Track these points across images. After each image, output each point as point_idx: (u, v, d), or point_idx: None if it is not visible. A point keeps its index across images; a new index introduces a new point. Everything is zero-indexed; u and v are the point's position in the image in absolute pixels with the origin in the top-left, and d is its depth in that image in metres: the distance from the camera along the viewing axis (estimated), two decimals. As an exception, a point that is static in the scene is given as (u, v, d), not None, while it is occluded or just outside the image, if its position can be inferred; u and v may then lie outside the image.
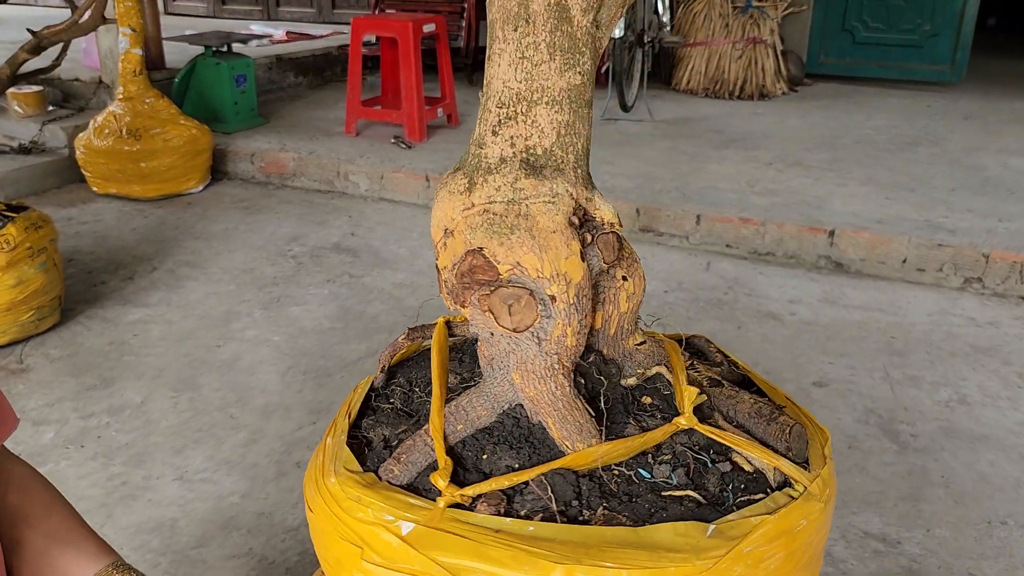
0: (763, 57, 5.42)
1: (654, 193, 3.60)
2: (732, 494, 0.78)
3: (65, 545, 0.91)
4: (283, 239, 3.51)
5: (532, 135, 0.80)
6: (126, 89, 3.89)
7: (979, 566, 1.75)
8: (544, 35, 0.76)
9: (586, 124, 0.79)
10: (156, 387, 2.38)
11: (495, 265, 0.78)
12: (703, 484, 0.79)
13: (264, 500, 1.93)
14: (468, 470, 0.83)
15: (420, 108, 4.28)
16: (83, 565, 0.90)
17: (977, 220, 3.30)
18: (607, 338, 0.87)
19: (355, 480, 0.82)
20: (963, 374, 2.49)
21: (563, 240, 0.78)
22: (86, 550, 0.92)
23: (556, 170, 0.81)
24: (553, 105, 0.78)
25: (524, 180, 0.80)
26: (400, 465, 0.83)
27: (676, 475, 0.80)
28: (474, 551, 0.71)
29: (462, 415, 0.88)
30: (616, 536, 0.72)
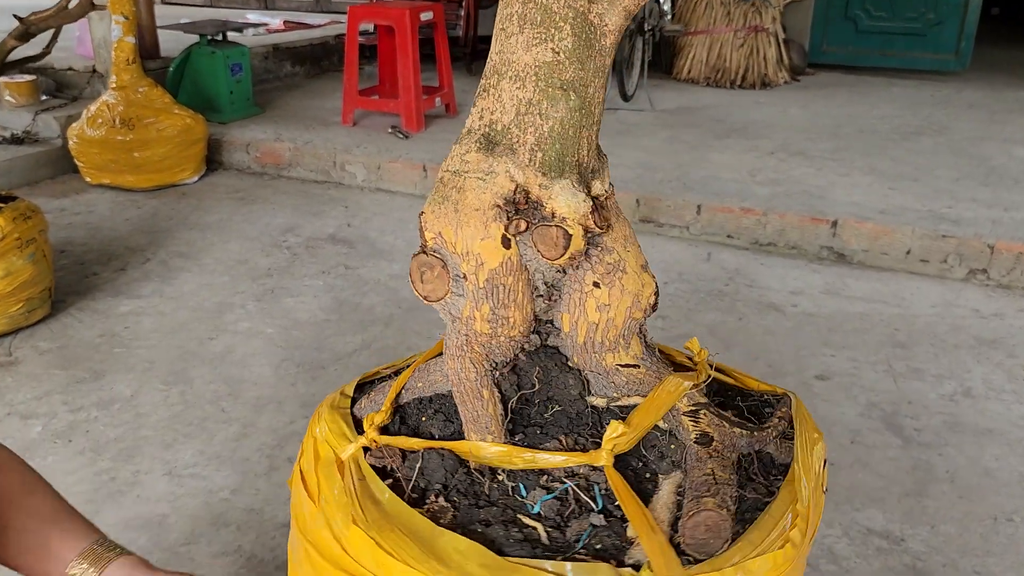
0: (765, 46, 5.36)
1: (654, 183, 3.55)
2: (583, 548, 0.71)
3: (49, 524, 0.90)
4: (278, 230, 3.46)
5: (496, 109, 0.76)
6: (119, 78, 3.83)
7: (985, 563, 1.71)
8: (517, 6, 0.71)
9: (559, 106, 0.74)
10: (147, 380, 2.34)
11: (424, 231, 0.76)
12: (565, 525, 0.73)
13: (255, 496, 1.89)
14: (406, 424, 0.84)
15: (417, 97, 4.23)
16: (68, 543, 0.89)
17: (982, 210, 3.25)
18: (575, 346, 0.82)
19: (337, 403, 0.89)
20: (967, 367, 2.45)
21: (482, 220, 0.74)
22: (70, 528, 0.91)
23: (508, 149, 0.76)
24: (516, 80, 0.74)
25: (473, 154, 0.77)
26: (366, 400, 0.88)
27: (545, 506, 0.75)
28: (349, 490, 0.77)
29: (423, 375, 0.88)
30: (422, 531, 0.70)
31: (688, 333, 2.62)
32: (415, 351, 2.45)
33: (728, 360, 2.45)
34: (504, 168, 0.74)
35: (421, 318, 2.70)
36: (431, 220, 0.76)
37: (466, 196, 0.75)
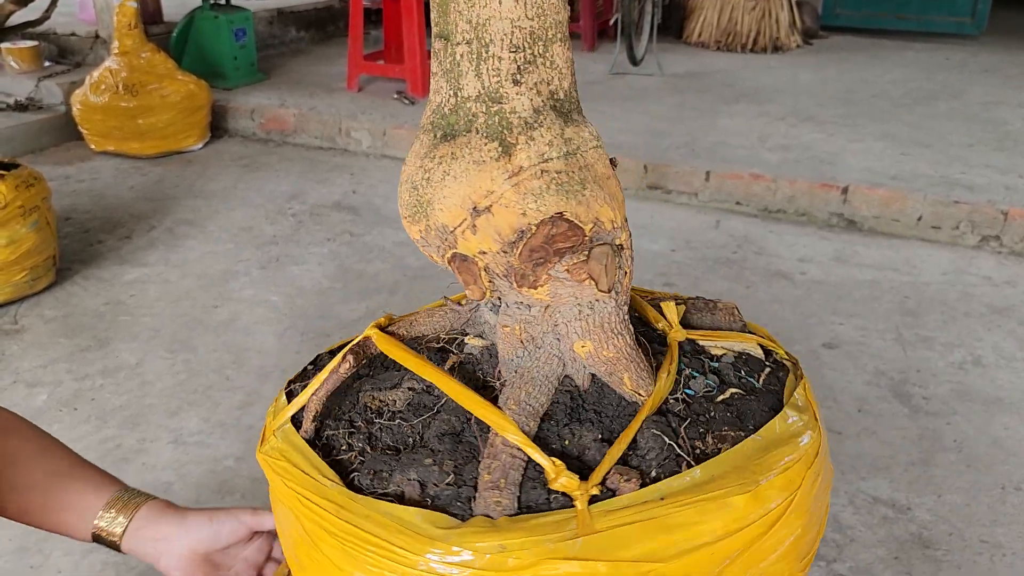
0: (777, 8, 5.26)
1: (662, 149, 3.51)
2: (751, 378, 0.89)
3: (69, 479, 0.90)
4: (283, 197, 3.44)
5: (554, 78, 0.72)
6: (121, 44, 3.79)
7: (992, 532, 1.70)
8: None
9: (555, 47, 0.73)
10: (152, 348, 2.34)
11: (580, 227, 0.70)
12: (727, 379, 0.87)
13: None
14: None
15: (423, 62, 4.17)
16: (90, 496, 0.89)
17: (996, 176, 3.20)
18: None
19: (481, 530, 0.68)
20: (978, 335, 2.42)
21: (617, 184, 0.72)
22: (92, 481, 0.91)
23: (578, 111, 0.74)
24: (564, 42, 0.70)
25: (569, 129, 0.72)
26: (502, 491, 0.71)
27: (710, 380, 0.86)
28: (654, 528, 0.66)
29: (525, 410, 0.79)
30: (744, 451, 0.74)
31: (695, 301, 2.59)
32: (420, 319, 2.44)
33: (735, 328, 2.43)
34: (594, 130, 0.73)
35: (427, 286, 2.68)
36: (583, 211, 0.70)
37: (597, 170, 0.73)
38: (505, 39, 0.69)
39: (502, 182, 0.70)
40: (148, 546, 0.89)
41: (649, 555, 0.65)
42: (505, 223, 0.71)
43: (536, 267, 0.72)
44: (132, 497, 0.90)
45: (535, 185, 0.69)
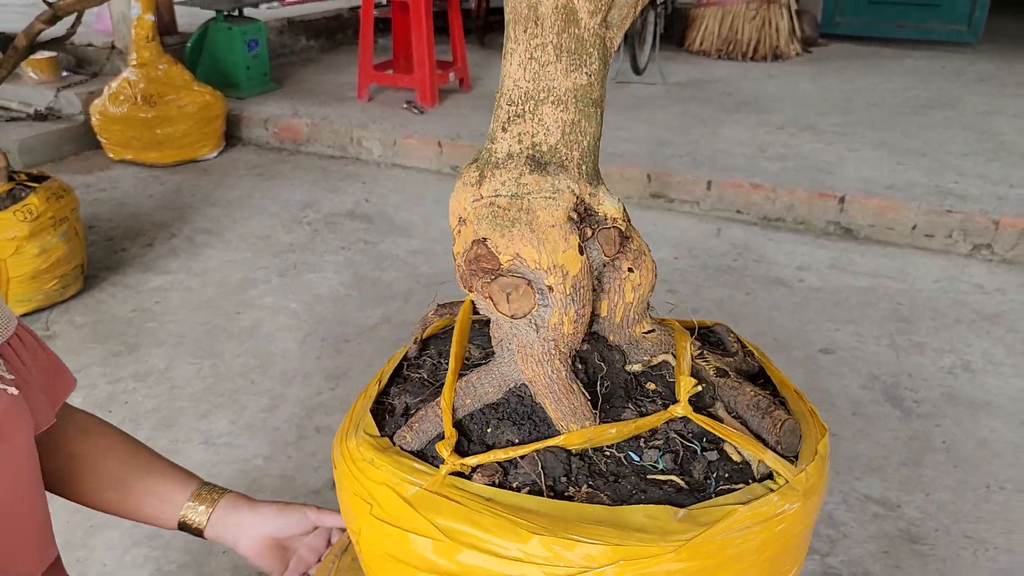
0: (777, 17, 5.37)
1: (665, 158, 3.62)
2: (715, 482, 0.81)
3: (157, 476, 1.02)
4: (298, 206, 3.55)
5: (538, 132, 0.83)
6: (139, 55, 3.91)
7: (976, 529, 1.81)
8: (551, 37, 0.79)
9: (593, 122, 0.82)
10: (179, 353, 2.46)
11: (496, 255, 0.82)
12: (689, 471, 0.83)
13: (286, 463, 2.01)
14: (473, 442, 0.87)
15: (432, 73, 4.29)
16: (178, 489, 1.01)
17: (988, 186, 3.30)
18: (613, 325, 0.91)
19: (371, 443, 0.87)
20: (968, 341, 2.53)
21: (561, 234, 0.82)
22: (177, 477, 1.02)
23: (560, 167, 0.84)
24: (558, 104, 0.81)
25: (528, 176, 0.83)
26: (412, 433, 0.88)
27: (664, 460, 0.83)
28: (466, 516, 0.78)
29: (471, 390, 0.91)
30: (593, 513, 0.77)
31: (697, 308, 2.71)
32: (434, 325, 2.55)
33: (736, 334, 2.54)
34: (566, 185, 0.82)
35: (440, 293, 2.79)
36: (504, 244, 0.82)
37: (538, 216, 0.82)
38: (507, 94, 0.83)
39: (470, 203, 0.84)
40: (228, 532, 1.01)
41: (445, 530, 0.78)
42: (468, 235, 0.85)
43: (471, 276, 0.86)
44: (212, 491, 1.02)
45: (483, 212, 0.83)
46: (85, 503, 1.00)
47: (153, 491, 1.01)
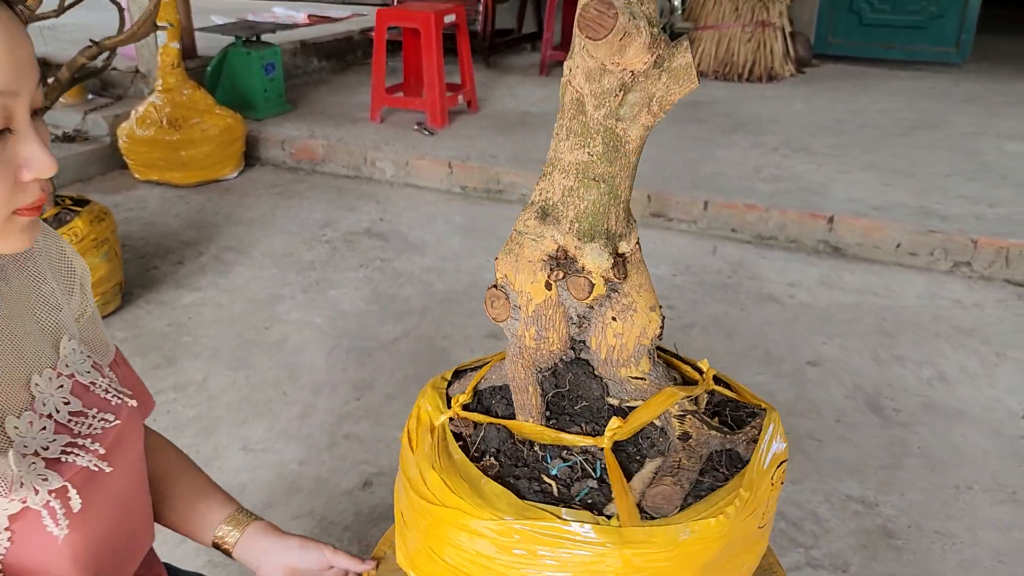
0: (772, 40, 5.59)
1: (664, 179, 3.82)
2: (579, 501, 0.98)
3: (200, 495, 1.17)
4: (317, 224, 3.75)
5: (550, 191, 1.03)
6: (165, 81, 4.12)
7: (946, 525, 2.01)
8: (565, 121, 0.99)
9: (593, 191, 1.01)
10: (215, 366, 2.65)
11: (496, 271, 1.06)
12: (569, 487, 0.99)
13: (320, 466, 2.20)
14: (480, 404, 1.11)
15: (442, 96, 4.50)
16: (216, 512, 1.16)
17: (968, 206, 3.51)
18: (599, 360, 1.10)
19: (437, 386, 1.15)
20: (945, 353, 2.73)
21: (533, 269, 1.03)
22: (216, 499, 1.17)
23: (555, 220, 1.04)
24: (563, 173, 1.01)
25: (531, 221, 1.04)
26: (458, 385, 1.14)
27: (561, 471, 1.00)
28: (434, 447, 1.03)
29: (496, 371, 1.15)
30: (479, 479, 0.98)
31: (694, 323, 2.90)
32: (449, 339, 2.76)
33: (729, 348, 2.75)
34: (551, 234, 1.02)
35: (454, 310, 2.99)
36: (501, 265, 1.04)
37: (524, 250, 1.03)
38: (547, 157, 1.04)
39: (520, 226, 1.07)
40: (252, 556, 1.15)
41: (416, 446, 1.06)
42: None
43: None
44: (245, 516, 1.17)
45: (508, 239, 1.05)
46: None
47: (196, 510, 1.16)
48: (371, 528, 1.99)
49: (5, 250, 0.84)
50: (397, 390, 2.53)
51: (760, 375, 2.60)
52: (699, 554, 0.92)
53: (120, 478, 0.97)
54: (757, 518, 0.97)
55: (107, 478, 0.93)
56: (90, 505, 0.90)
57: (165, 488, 1.17)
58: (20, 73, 0.77)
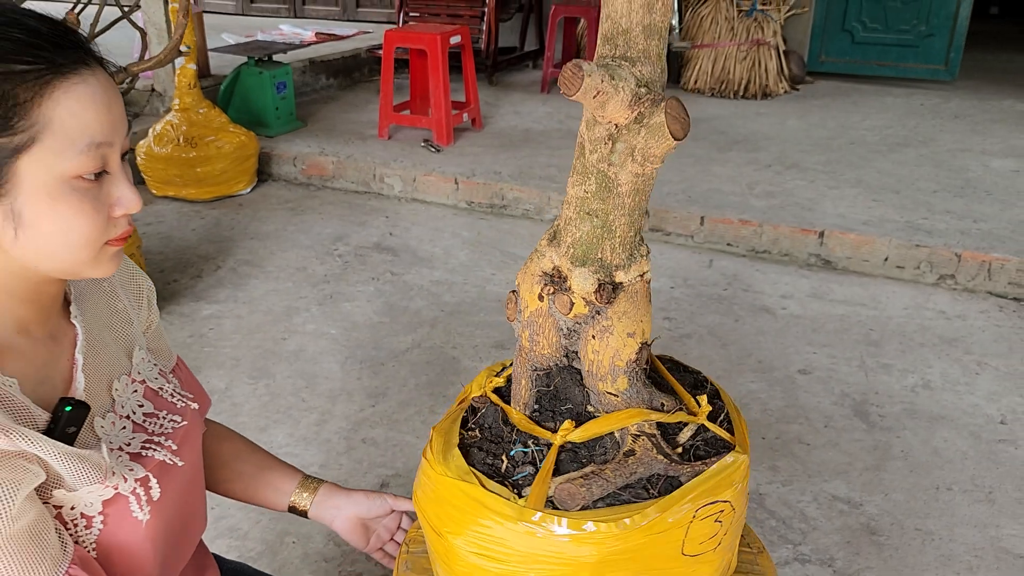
0: (766, 58, 5.76)
1: (662, 196, 3.98)
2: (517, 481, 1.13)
3: (269, 469, 1.34)
4: (328, 239, 3.91)
5: (560, 218, 1.19)
6: (182, 101, 4.28)
7: (925, 523, 2.15)
8: (572, 160, 1.15)
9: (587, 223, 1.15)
10: (236, 375, 2.80)
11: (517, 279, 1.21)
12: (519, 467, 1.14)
13: (339, 470, 2.34)
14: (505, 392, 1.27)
15: (448, 115, 4.66)
16: (287, 481, 1.33)
17: (953, 221, 3.66)
18: (584, 371, 1.25)
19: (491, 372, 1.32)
20: (929, 362, 2.88)
21: (532, 281, 1.18)
22: (285, 471, 1.35)
23: (558, 243, 1.20)
24: (567, 204, 1.17)
25: (544, 240, 1.20)
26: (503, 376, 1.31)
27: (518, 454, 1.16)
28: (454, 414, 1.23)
29: None
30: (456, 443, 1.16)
31: (691, 333, 3.05)
32: (459, 349, 2.91)
33: (724, 356, 2.90)
34: (551, 254, 1.17)
35: (462, 321, 3.14)
36: (519, 274, 1.20)
37: (531, 264, 1.19)
38: None
39: None
40: (327, 513, 1.34)
41: None
42: None
43: None
44: (314, 481, 1.35)
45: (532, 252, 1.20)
46: (215, 491, 1.34)
47: (270, 483, 1.34)
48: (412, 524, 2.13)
49: (96, 275, 0.98)
50: (409, 397, 2.67)
51: (753, 383, 2.75)
52: (582, 549, 1.03)
53: (187, 471, 1.12)
54: (674, 544, 1.04)
55: (178, 471, 1.08)
56: (165, 494, 1.04)
57: (237, 466, 1.34)
58: (115, 127, 0.92)
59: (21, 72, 0.83)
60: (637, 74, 1.02)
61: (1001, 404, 2.63)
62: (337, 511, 1.34)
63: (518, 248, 3.81)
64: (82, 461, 0.93)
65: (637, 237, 1.14)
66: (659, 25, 1.01)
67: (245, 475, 1.34)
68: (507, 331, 3.06)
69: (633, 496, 1.07)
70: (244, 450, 1.37)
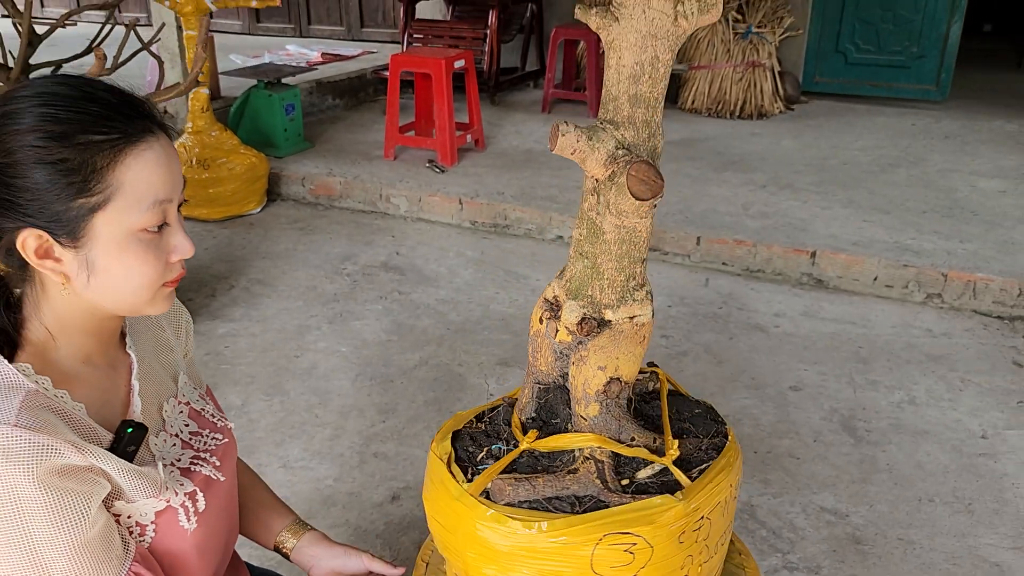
0: (762, 79, 5.91)
1: (660, 216, 4.11)
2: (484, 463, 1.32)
3: (268, 508, 1.44)
4: (337, 258, 4.04)
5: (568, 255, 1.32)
6: (195, 124, 4.42)
7: (907, 534, 2.27)
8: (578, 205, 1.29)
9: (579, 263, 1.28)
10: (252, 391, 2.93)
11: None
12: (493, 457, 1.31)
13: (352, 483, 2.47)
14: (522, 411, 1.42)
15: (452, 136, 4.80)
16: (277, 521, 1.42)
17: (941, 242, 3.80)
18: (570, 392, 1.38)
19: None
20: (915, 379, 3.01)
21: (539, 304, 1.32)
22: (278, 510, 1.44)
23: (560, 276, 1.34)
24: (571, 244, 1.31)
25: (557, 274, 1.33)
26: None
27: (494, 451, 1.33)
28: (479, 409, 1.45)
29: None
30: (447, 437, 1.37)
31: (687, 351, 3.18)
32: (465, 366, 3.04)
33: (719, 373, 3.03)
34: (555, 284, 1.31)
35: (468, 339, 3.27)
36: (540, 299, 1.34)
37: (545, 289, 1.33)
38: None
39: None
40: (305, 559, 1.40)
41: None
42: None
43: None
44: (300, 526, 1.42)
45: None
46: None
47: (260, 519, 1.42)
48: (400, 536, 2.26)
49: (153, 312, 1.11)
50: (418, 413, 2.80)
51: (746, 399, 2.88)
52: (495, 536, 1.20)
53: (226, 485, 1.25)
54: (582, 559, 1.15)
55: (219, 485, 1.21)
56: (209, 506, 1.17)
57: (240, 499, 1.45)
58: (175, 185, 1.05)
59: (98, 142, 0.96)
60: (619, 137, 1.15)
61: (983, 419, 2.76)
62: (316, 560, 1.40)
63: (521, 268, 3.95)
64: (141, 477, 1.06)
65: (632, 282, 1.25)
66: (645, 95, 1.14)
67: (244, 507, 1.42)
68: (511, 349, 3.19)
69: (555, 507, 1.21)
70: (248, 482, 1.47)
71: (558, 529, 1.14)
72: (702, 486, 1.20)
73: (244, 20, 8.46)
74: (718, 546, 1.26)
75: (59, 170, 0.95)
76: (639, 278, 1.25)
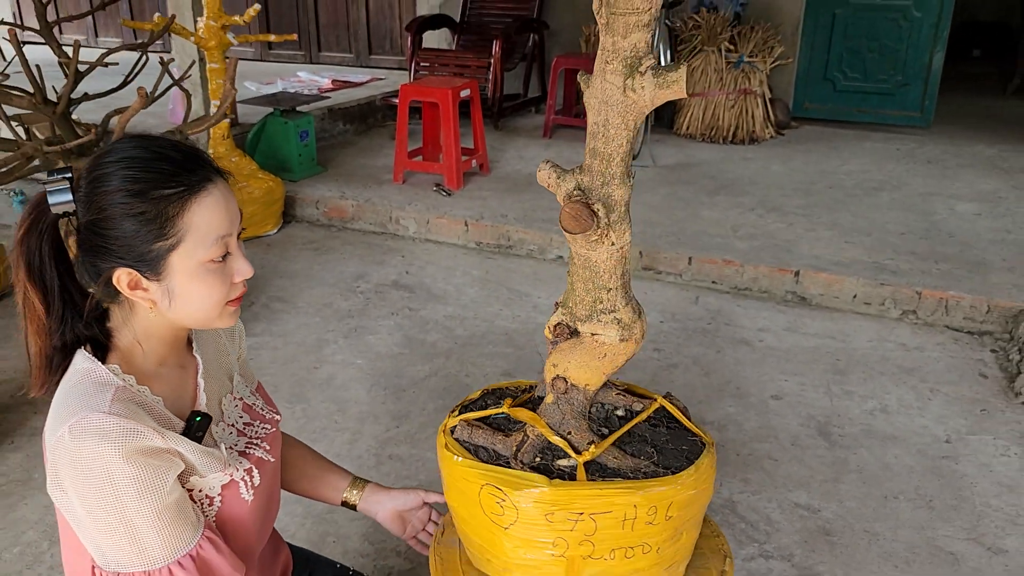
0: (753, 106, 6.19)
1: (655, 237, 4.38)
2: None
3: (329, 471, 1.73)
4: (350, 277, 4.30)
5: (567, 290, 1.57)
6: (216, 150, 4.70)
7: (872, 526, 2.51)
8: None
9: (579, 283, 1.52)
10: (276, 400, 3.14)
11: None
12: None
13: (370, 481, 2.71)
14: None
15: (458, 161, 5.08)
16: (341, 480, 1.71)
17: (917, 262, 4.06)
18: None
19: None
20: (888, 389, 3.25)
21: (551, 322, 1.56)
22: (339, 473, 1.73)
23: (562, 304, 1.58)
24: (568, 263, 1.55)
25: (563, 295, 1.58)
26: None
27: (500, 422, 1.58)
28: None
29: None
30: None
31: (677, 363, 3.44)
32: (472, 377, 3.29)
33: (706, 384, 3.28)
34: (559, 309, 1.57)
35: (474, 352, 3.53)
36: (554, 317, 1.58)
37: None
38: None
39: None
40: (370, 507, 1.71)
41: None
42: None
43: None
44: (361, 481, 1.72)
45: None
46: (285, 488, 1.72)
47: (327, 482, 1.72)
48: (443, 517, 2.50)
49: (221, 326, 1.36)
50: (429, 420, 3.05)
51: (731, 407, 3.12)
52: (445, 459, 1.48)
53: (275, 465, 1.50)
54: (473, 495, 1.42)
55: (269, 465, 1.46)
56: (262, 482, 1.42)
57: (303, 467, 1.73)
58: (233, 221, 1.30)
59: (168, 195, 1.21)
60: (579, 180, 1.39)
61: (948, 425, 3.00)
62: (379, 505, 1.72)
63: (523, 286, 4.20)
64: (209, 456, 1.31)
65: (600, 305, 1.43)
66: (600, 150, 1.35)
67: (309, 475, 1.72)
68: (514, 361, 3.44)
69: (480, 456, 1.48)
70: (308, 455, 1.75)
71: (464, 466, 1.44)
72: (585, 488, 1.36)
73: (256, 47, 8.77)
74: (612, 552, 1.37)
75: (140, 221, 1.19)
76: (607, 304, 1.39)
